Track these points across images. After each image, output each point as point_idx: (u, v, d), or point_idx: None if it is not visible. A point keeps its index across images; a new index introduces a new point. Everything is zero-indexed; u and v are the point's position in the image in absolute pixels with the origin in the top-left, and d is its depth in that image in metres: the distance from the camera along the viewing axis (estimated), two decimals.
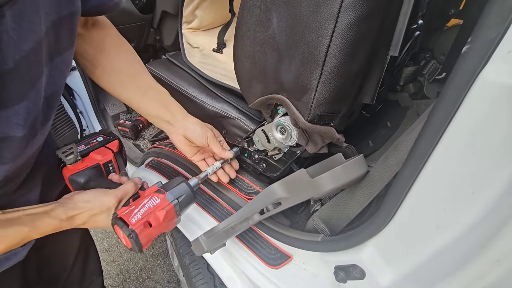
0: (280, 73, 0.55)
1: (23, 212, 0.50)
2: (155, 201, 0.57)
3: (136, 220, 0.53)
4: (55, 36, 0.43)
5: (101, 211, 0.57)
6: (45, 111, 0.47)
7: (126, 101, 0.67)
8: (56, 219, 0.52)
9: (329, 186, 0.50)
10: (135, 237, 0.52)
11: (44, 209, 0.52)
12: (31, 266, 0.75)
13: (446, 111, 0.31)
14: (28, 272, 0.72)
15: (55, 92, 0.49)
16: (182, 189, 0.61)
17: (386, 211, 0.43)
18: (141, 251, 0.55)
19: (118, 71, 0.64)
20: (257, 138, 0.73)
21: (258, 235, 0.70)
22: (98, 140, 0.72)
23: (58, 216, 0.53)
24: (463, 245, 0.34)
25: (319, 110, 0.53)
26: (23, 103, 0.41)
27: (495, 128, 0.29)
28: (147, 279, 1.64)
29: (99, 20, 0.62)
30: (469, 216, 0.33)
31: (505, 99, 0.27)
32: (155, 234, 0.56)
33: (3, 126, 0.40)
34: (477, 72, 0.27)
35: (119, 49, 0.65)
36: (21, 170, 0.53)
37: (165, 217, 0.56)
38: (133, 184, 0.64)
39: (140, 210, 0.55)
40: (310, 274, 0.61)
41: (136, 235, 0.52)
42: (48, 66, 0.44)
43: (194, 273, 0.90)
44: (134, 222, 0.53)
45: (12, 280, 0.67)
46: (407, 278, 0.43)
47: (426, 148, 0.34)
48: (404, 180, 0.39)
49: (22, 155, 0.47)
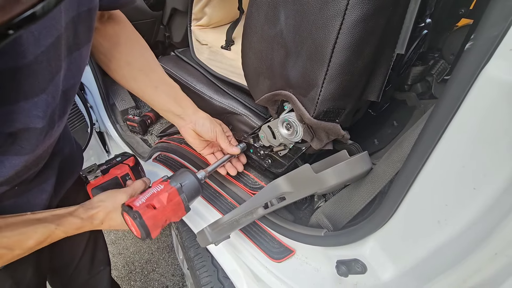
0: (287, 70, 0.56)
1: (49, 212, 0.55)
2: (158, 187, 0.60)
3: (140, 204, 0.56)
4: (74, 31, 0.45)
5: (114, 208, 0.60)
6: (63, 104, 0.49)
7: (139, 94, 0.69)
8: (78, 217, 0.57)
9: (332, 181, 0.51)
10: (139, 218, 0.54)
11: (68, 210, 0.57)
12: (45, 254, 0.78)
13: (448, 107, 0.31)
14: (41, 259, 0.75)
15: (72, 86, 0.51)
16: (185, 176, 0.63)
17: (388, 206, 0.43)
18: (149, 236, 0.56)
19: (131, 65, 0.65)
20: (263, 134, 0.74)
21: (262, 229, 0.72)
22: (117, 160, 0.83)
23: (80, 215, 0.57)
24: (463, 240, 0.35)
25: (324, 106, 0.53)
26: (42, 96, 0.43)
27: (496, 124, 0.29)
28: (152, 272, 1.67)
29: (115, 15, 0.64)
30: (470, 212, 0.34)
31: (507, 96, 0.28)
32: (160, 218, 0.58)
33: (23, 118, 0.42)
34: (480, 69, 0.27)
35: (134, 43, 0.67)
36: (39, 160, 0.55)
37: (169, 199, 0.58)
38: (142, 181, 0.67)
39: (144, 196, 0.58)
40: (313, 268, 0.62)
41: (140, 216, 0.54)
42: (66, 61, 0.46)
43: (198, 266, 0.91)
44: (138, 205, 0.56)
45: (26, 266, 0.70)
46: (408, 272, 0.44)
47: (428, 145, 0.35)
48: (406, 176, 0.40)
49: (41, 146, 0.49)
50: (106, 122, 1.46)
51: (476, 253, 0.32)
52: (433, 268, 0.39)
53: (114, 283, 1.10)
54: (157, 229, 0.58)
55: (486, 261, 0.31)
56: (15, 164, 0.46)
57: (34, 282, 0.73)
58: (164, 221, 0.59)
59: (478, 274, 0.32)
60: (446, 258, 0.37)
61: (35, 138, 0.46)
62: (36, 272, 0.73)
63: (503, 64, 0.27)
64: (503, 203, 0.30)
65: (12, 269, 0.66)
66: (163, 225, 0.59)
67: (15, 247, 0.50)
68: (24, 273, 0.70)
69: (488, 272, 0.31)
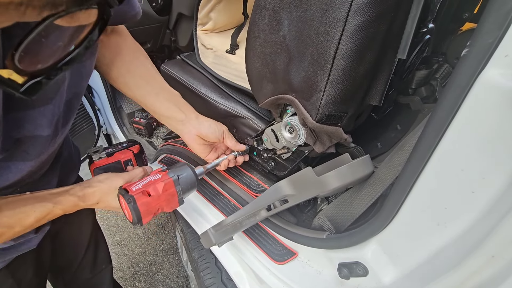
0: (290, 74, 0.57)
1: (47, 191, 0.57)
2: (156, 176, 0.62)
3: (136, 189, 0.58)
4: None
5: (110, 190, 0.62)
6: (67, 113, 0.52)
7: (141, 102, 0.70)
8: (75, 195, 0.59)
9: (334, 184, 0.52)
10: (133, 203, 0.56)
11: (65, 188, 0.59)
12: (46, 253, 0.80)
13: (446, 112, 0.32)
14: (42, 258, 0.78)
15: (76, 96, 0.53)
16: (183, 169, 0.65)
17: (389, 209, 0.44)
18: (140, 222, 0.58)
19: (132, 73, 0.67)
20: (266, 137, 0.75)
21: (265, 231, 0.72)
22: (123, 145, 0.85)
23: (76, 193, 0.59)
24: (462, 242, 0.35)
25: (327, 110, 0.54)
26: (49, 106, 0.45)
27: (494, 129, 0.30)
28: (156, 273, 1.69)
29: (117, 27, 0.67)
30: (469, 215, 0.34)
31: (504, 101, 0.28)
32: (154, 205, 0.59)
33: (29, 126, 0.44)
34: (476, 74, 0.28)
35: (135, 53, 0.69)
36: (43, 165, 0.58)
37: (164, 189, 0.59)
38: (142, 169, 0.69)
39: (142, 182, 0.60)
40: (315, 270, 0.63)
41: (134, 200, 0.56)
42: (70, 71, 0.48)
43: (202, 267, 0.92)
44: (134, 190, 0.58)
45: (27, 265, 0.72)
46: (409, 275, 0.44)
47: (427, 149, 0.35)
48: (406, 179, 0.40)
49: (45, 152, 0.52)
50: (113, 124, 1.49)
51: (474, 255, 0.32)
52: (433, 270, 0.39)
53: (115, 282, 1.12)
54: (149, 215, 0.59)
55: (484, 263, 0.31)
56: (21, 169, 0.49)
57: (35, 281, 0.75)
58: (157, 210, 0.61)
59: (476, 276, 0.33)
60: (445, 260, 0.37)
61: (40, 145, 0.49)
62: (37, 272, 0.75)
63: (499, 70, 0.27)
64: (500, 206, 0.30)
65: (13, 268, 0.68)
66: (155, 213, 0.61)
67: (15, 225, 0.52)
68: (25, 273, 0.72)
69: (485, 274, 0.32)
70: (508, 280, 0.30)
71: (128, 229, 1.92)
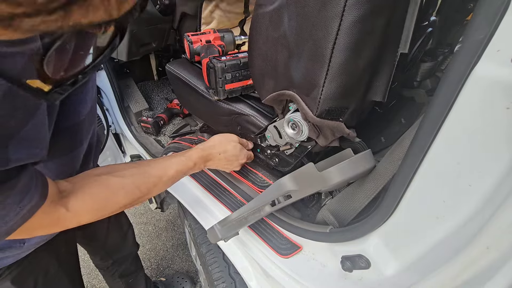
0: (290, 70, 0.58)
1: (174, 154, 0.69)
2: None
3: None
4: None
5: (227, 140, 0.76)
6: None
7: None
8: (198, 149, 0.72)
9: (335, 179, 0.53)
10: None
11: (188, 149, 0.72)
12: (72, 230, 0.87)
13: (442, 107, 0.32)
14: (69, 236, 0.84)
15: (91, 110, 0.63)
16: None
17: (389, 203, 0.45)
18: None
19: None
20: (270, 134, 0.76)
21: (270, 226, 0.74)
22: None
23: (198, 147, 0.73)
24: (460, 234, 0.35)
25: (326, 105, 0.55)
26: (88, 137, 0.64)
27: (488, 122, 0.30)
28: (167, 268, 1.73)
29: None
30: (467, 207, 0.34)
31: (498, 95, 0.28)
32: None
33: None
34: (469, 69, 0.28)
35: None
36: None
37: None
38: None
39: None
40: (319, 264, 0.64)
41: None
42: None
43: (210, 262, 0.95)
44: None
45: (59, 243, 0.78)
46: (410, 267, 0.45)
47: (424, 142, 0.36)
48: (404, 174, 0.41)
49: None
50: (122, 124, 1.51)
51: (470, 247, 0.33)
52: (431, 262, 0.40)
53: (137, 243, 1.27)
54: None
55: (479, 254, 0.32)
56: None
57: (69, 253, 0.84)
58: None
59: (471, 267, 0.33)
60: (444, 252, 0.38)
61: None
62: (68, 249, 0.83)
63: (492, 64, 0.27)
64: (495, 198, 0.31)
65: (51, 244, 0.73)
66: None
67: (163, 175, 0.61)
68: (59, 248, 0.79)
69: (481, 265, 0.32)
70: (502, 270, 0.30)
71: (139, 226, 1.96)
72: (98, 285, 1.66)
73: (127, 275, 1.24)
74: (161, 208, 1.53)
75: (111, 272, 1.19)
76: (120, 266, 1.19)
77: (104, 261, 1.14)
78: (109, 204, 0.54)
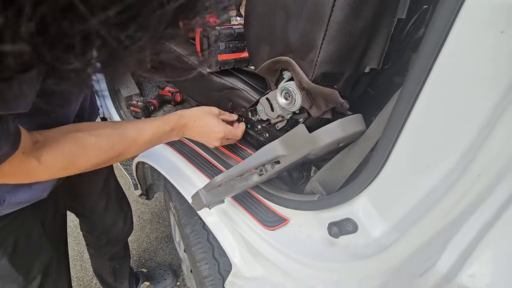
0: (287, 33, 0.57)
1: (153, 118, 0.69)
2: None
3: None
4: None
5: (204, 112, 0.74)
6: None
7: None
8: (176, 115, 0.71)
9: (326, 139, 0.52)
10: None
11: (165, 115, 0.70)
12: (61, 197, 0.88)
13: (434, 42, 0.32)
14: (58, 202, 0.84)
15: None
16: None
17: (377, 159, 0.44)
18: None
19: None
20: (261, 108, 0.75)
21: (257, 199, 0.72)
22: None
23: (176, 113, 0.71)
24: (449, 180, 0.35)
25: (323, 68, 0.54)
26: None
27: (477, 61, 0.30)
28: (149, 260, 1.67)
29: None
30: (458, 148, 0.34)
31: (488, 24, 0.28)
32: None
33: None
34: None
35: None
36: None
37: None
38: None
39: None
40: (306, 235, 0.62)
41: None
42: None
43: (194, 243, 0.92)
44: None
45: (47, 209, 0.79)
46: (397, 225, 0.44)
47: (413, 90, 0.36)
48: (394, 125, 0.40)
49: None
50: (110, 107, 1.48)
51: (461, 178, 0.32)
52: (420, 213, 0.39)
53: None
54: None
55: (470, 184, 0.31)
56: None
57: (56, 223, 0.84)
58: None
59: (462, 201, 0.32)
60: (433, 201, 0.37)
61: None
62: (55, 216, 0.82)
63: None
64: (483, 132, 0.30)
65: (36, 208, 0.71)
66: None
67: (137, 138, 0.61)
68: (45, 213, 0.78)
69: (471, 195, 0.31)
70: (493, 194, 0.29)
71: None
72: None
73: (116, 259, 1.23)
74: (147, 195, 1.49)
75: (102, 252, 1.18)
76: (112, 248, 1.19)
77: (99, 240, 1.14)
78: (80, 161, 0.55)
